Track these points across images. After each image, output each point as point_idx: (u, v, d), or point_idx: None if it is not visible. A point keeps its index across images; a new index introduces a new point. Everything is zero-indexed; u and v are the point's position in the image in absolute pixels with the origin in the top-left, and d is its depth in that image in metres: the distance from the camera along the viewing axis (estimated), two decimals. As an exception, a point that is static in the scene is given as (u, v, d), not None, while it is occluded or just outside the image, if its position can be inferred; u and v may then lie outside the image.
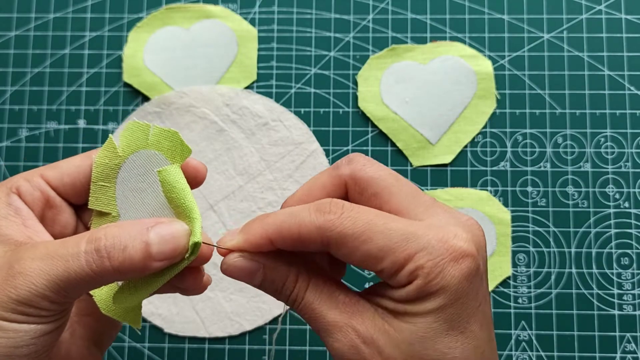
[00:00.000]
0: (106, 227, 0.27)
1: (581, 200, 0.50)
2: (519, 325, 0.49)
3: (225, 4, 0.54)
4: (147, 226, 0.27)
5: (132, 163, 0.30)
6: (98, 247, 0.26)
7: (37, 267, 0.26)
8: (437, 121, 0.51)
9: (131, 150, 0.30)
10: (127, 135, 0.30)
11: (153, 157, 0.29)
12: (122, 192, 0.31)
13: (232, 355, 0.49)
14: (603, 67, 0.52)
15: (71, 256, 0.26)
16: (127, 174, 0.30)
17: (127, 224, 0.27)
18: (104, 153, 0.31)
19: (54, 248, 0.27)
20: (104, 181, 0.31)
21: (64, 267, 0.26)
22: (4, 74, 0.54)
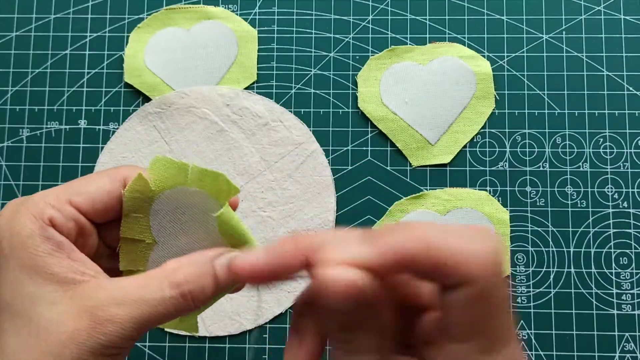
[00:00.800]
0: (179, 267, 0.29)
1: (580, 200, 0.50)
2: (518, 324, 0.49)
3: (225, 5, 0.54)
4: (211, 259, 0.29)
5: (168, 197, 0.31)
6: (183, 293, 0.28)
7: (126, 314, 0.27)
8: (437, 121, 0.52)
9: (167, 187, 0.31)
10: (158, 171, 0.31)
11: (194, 193, 0.30)
12: (158, 222, 0.31)
13: (232, 355, 0.49)
14: (602, 67, 0.52)
15: (158, 302, 0.28)
16: (161, 207, 0.31)
17: (196, 261, 0.29)
18: (135, 187, 0.31)
19: (137, 293, 0.28)
20: (136, 212, 0.31)
21: (152, 311, 0.28)
22: (5, 74, 0.54)
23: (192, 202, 0.30)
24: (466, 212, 0.50)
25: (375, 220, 0.51)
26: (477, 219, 0.50)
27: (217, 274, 0.29)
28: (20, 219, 0.29)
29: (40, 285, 0.28)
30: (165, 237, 0.32)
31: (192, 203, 0.30)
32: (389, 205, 0.51)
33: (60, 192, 0.30)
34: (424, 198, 0.51)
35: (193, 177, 0.30)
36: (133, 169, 0.32)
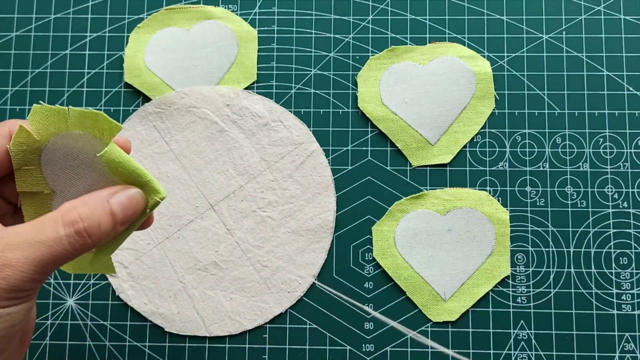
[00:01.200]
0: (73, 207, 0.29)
1: (580, 200, 0.50)
2: (518, 324, 0.49)
3: (225, 5, 0.54)
4: (106, 198, 0.30)
5: (55, 145, 0.31)
6: (78, 230, 0.29)
7: (22, 257, 0.28)
8: (437, 121, 0.52)
9: (50, 134, 0.31)
10: (39, 120, 0.31)
11: (79, 137, 0.31)
12: (52, 171, 0.32)
13: (232, 354, 0.49)
14: (602, 67, 0.52)
15: (53, 241, 0.28)
16: (51, 155, 0.31)
17: (90, 200, 0.30)
18: (19, 140, 0.31)
19: (30, 235, 0.28)
20: (27, 165, 0.32)
21: (49, 252, 0.28)
22: (5, 75, 0.54)
23: (79, 146, 0.31)
24: (466, 212, 0.50)
25: (375, 220, 0.51)
26: (477, 219, 0.50)
27: (113, 210, 0.30)
28: None
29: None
30: (62, 185, 0.32)
31: (80, 147, 0.31)
32: (389, 205, 0.51)
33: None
34: (424, 198, 0.51)
35: (73, 120, 0.30)
36: (17, 122, 0.32)
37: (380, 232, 0.50)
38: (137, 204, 0.31)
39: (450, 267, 0.50)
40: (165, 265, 0.50)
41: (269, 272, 0.50)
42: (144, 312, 0.50)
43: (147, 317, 0.50)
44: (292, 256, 0.50)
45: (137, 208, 0.31)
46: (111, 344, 0.50)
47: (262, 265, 0.50)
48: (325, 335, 0.49)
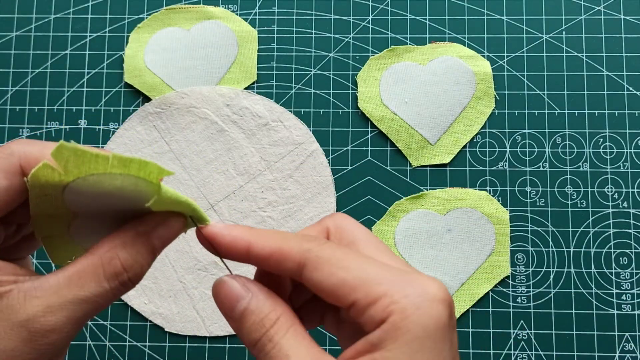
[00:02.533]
0: (114, 255, 0.26)
1: (580, 200, 0.50)
2: (518, 324, 0.49)
3: (225, 5, 0.54)
4: (147, 235, 0.27)
5: (84, 182, 0.27)
6: (124, 281, 0.27)
7: (66, 319, 0.25)
8: (436, 121, 0.52)
9: (80, 174, 0.27)
10: (68, 159, 0.26)
11: (118, 176, 0.27)
12: (76, 199, 0.28)
13: (232, 354, 0.49)
14: (602, 67, 0.52)
15: (97, 297, 0.26)
16: (78, 188, 0.27)
17: (130, 240, 0.27)
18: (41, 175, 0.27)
19: (72, 294, 0.26)
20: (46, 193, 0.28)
21: (92, 307, 0.26)
22: (5, 75, 0.54)
23: (116, 185, 0.27)
24: (466, 212, 0.50)
25: (375, 220, 0.51)
26: (477, 219, 0.50)
27: (155, 247, 0.27)
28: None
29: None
30: (86, 210, 0.29)
31: (118, 186, 0.27)
32: (389, 205, 0.51)
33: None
34: (424, 198, 0.51)
35: (114, 165, 0.26)
36: (28, 146, 0.28)
37: (380, 232, 0.50)
38: (176, 232, 0.28)
39: (450, 267, 0.50)
40: (166, 265, 0.50)
41: (269, 272, 0.50)
42: (144, 312, 0.50)
43: (147, 317, 0.50)
44: (292, 256, 0.50)
45: (176, 236, 0.28)
46: (111, 344, 0.50)
47: (262, 265, 0.50)
48: (325, 335, 0.49)
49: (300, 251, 0.26)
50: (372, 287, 0.25)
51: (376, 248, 0.28)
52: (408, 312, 0.24)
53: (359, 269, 0.26)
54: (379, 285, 0.25)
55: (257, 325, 0.26)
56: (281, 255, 0.27)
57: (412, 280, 0.25)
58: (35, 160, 0.27)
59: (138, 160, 0.25)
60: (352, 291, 0.25)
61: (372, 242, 0.28)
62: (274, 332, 0.26)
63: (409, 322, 0.24)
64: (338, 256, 0.26)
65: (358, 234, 0.28)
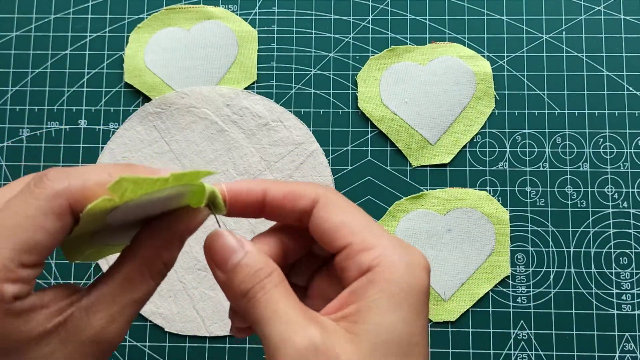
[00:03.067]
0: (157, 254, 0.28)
1: (580, 200, 0.50)
2: (518, 324, 0.49)
3: (225, 5, 0.54)
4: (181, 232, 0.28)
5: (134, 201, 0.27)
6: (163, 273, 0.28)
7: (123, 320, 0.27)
8: (436, 121, 0.52)
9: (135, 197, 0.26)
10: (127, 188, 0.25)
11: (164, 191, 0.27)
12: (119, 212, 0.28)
13: (232, 354, 0.49)
14: (602, 67, 0.52)
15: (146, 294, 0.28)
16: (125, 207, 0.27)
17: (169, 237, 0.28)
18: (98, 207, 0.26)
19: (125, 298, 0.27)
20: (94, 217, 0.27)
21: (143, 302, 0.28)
22: (5, 74, 0.54)
23: (161, 198, 0.27)
24: (466, 212, 0.50)
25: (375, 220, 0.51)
26: (477, 219, 0.50)
27: (184, 239, 0.28)
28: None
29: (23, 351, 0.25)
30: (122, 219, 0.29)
31: (163, 199, 0.27)
32: (389, 205, 0.51)
33: (7, 258, 0.24)
34: (424, 198, 0.51)
35: (171, 181, 0.26)
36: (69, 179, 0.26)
37: (380, 232, 0.50)
38: (202, 222, 0.29)
39: (450, 267, 0.50)
40: (165, 265, 0.50)
41: (269, 272, 0.50)
42: (144, 312, 0.50)
43: (147, 317, 0.50)
44: (292, 256, 0.50)
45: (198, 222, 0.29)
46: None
47: (262, 265, 0.50)
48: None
49: (315, 190, 0.28)
50: (369, 236, 0.27)
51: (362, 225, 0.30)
52: (396, 267, 0.26)
53: (362, 219, 0.28)
54: (375, 238, 0.27)
55: (251, 276, 0.27)
56: (296, 194, 0.29)
57: (403, 244, 0.28)
58: (80, 193, 0.26)
59: (190, 173, 0.26)
60: (350, 234, 0.27)
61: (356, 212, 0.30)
62: (267, 282, 0.27)
63: (397, 277, 0.26)
64: (346, 203, 0.29)
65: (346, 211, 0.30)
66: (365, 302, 0.26)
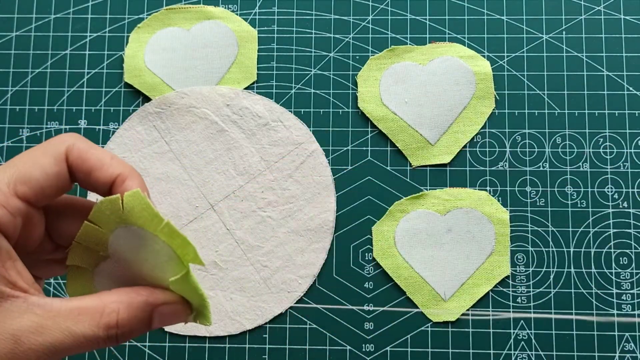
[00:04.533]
0: (116, 309, 0.27)
1: (580, 200, 0.50)
2: (518, 324, 0.49)
3: (225, 5, 0.55)
4: (152, 307, 0.28)
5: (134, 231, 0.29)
6: (114, 335, 0.27)
7: (48, 344, 0.26)
8: (436, 121, 0.52)
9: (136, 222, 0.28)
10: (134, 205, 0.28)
11: (159, 243, 0.28)
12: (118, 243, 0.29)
13: (232, 355, 0.49)
14: (602, 67, 0.52)
15: (86, 339, 0.26)
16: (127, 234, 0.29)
17: (135, 304, 0.28)
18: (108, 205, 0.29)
19: (66, 325, 0.26)
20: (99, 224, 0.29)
21: (75, 345, 0.26)
22: (5, 74, 0.54)
23: (154, 248, 0.28)
24: (466, 212, 0.50)
25: (375, 220, 0.51)
26: (477, 219, 0.50)
27: (152, 322, 0.28)
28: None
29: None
30: (120, 259, 0.30)
31: (155, 249, 0.28)
32: (389, 205, 0.51)
33: (4, 182, 0.27)
34: (424, 198, 0.51)
35: (163, 231, 0.28)
36: (72, 138, 0.30)
37: (380, 232, 0.50)
38: (177, 319, 0.29)
39: (450, 267, 0.50)
40: (165, 265, 0.50)
41: (269, 272, 0.50)
42: (144, 312, 0.50)
43: (147, 317, 0.50)
44: (292, 256, 0.50)
45: (175, 322, 0.29)
46: (111, 344, 0.49)
47: (262, 265, 0.50)
48: (325, 335, 0.49)
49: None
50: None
51: None
52: None
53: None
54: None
55: None
56: None
57: None
58: (78, 153, 0.30)
59: (183, 237, 0.27)
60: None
61: None
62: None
63: None
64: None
65: None
66: None
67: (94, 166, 0.29)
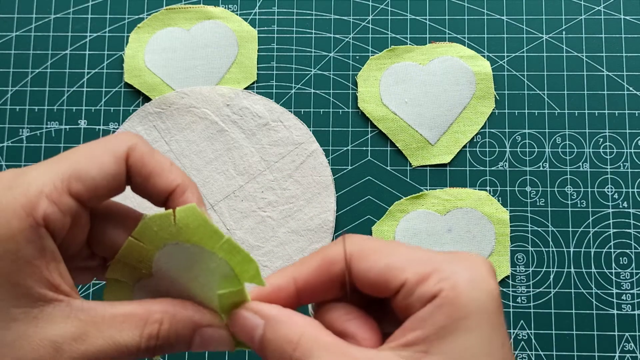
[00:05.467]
0: (160, 320, 0.26)
1: (580, 200, 0.50)
2: (518, 324, 0.49)
3: (225, 5, 0.55)
4: (196, 326, 0.26)
5: (185, 249, 0.27)
6: (154, 346, 0.26)
7: (90, 353, 0.24)
8: (437, 121, 0.52)
9: (190, 239, 0.27)
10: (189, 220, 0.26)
11: (216, 260, 0.27)
12: (164, 261, 0.28)
13: (232, 354, 0.49)
14: (602, 67, 0.52)
15: (127, 348, 0.25)
16: (175, 252, 0.27)
17: (180, 318, 0.26)
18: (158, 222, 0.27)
19: (109, 333, 0.25)
20: (145, 242, 0.28)
21: (115, 353, 0.25)
22: (5, 74, 0.54)
23: (210, 266, 0.27)
24: (466, 212, 0.50)
25: (375, 220, 0.51)
26: (477, 219, 0.50)
27: (193, 343, 0.27)
28: (6, 210, 0.24)
29: (5, 296, 0.24)
30: (165, 277, 0.28)
31: (210, 267, 0.27)
32: (389, 205, 0.51)
33: (58, 176, 0.25)
34: (424, 198, 0.51)
35: (223, 247, 0.26)
36: (135, 139, 0.27)
37: (380, 232, 0.50)
38: (220, 346, 0.27)
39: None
40: (165, 265, 0.50)
41: (269, 272, 0.50)
42: (144, 312, 0.50)
43: (147, 317, 0.50)
44: (292, 256, 0.50)
45: (217, 349, 0.27)
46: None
47: (262, 265, 0.50)
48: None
49: (340, 249, 0.26)
50: (420, 265, 0.25)
51: None
52: (460, 287, 0.24)
53: (405, 253, 0.25)
54: (427, 264, 0.25)
55: (279, 352, 0.25)
56: (326, 262, 0.26)
57: (458, 257, 0.25)
58: (140, 156, 0.27)
59: (245, 254, 0.26)
60: (400, 272, 0.25)
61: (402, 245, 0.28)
62: (298, 355, 0.25)
63: (464, 297, 0.24)
64: (382, 245, 0.26)
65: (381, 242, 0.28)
66: (433, 328, 0.23)
67: (153, 171, 0.27)
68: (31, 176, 0.25)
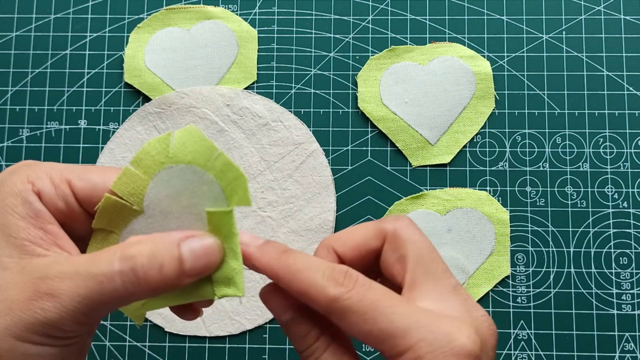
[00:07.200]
0: (138, 242, 0.26)
1: (580, 200, 0.50)
2: (518, 324, 0.49)
3: (225, 5, 0.55)
4: (177, 240, 0.26)
5: (179, 173, 0.27)
6: (134, 267, 0.25)
7: (68, 289, 0.25)
8: (437, 121, 0.52)
9: (184, 160, 0.27)
10: (185, 140, 0.27)
11: (208, 182, 0.27)
12: (157, 192, 0.28)
13: (232, 354, 0.49)
14: (602, 67, 0.52)
15: (104, 276, 0.25)
16: (169, 179, 0.28)
17: (158, 239, 0.26)
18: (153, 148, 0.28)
19: (84, 267, 0.25)
20: (138, 169, 0.28)
21: (98, 288, 0.25)
22: (5, 74, 0.54)
23: (201, 190, 0.27)
24: (466, 212, 0.50)
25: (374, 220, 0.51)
26: (477, 219, 0.50)
27: (182, 256, 0.26)
28: (14, 177, 0.27)
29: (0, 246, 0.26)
30: (155, 212, 0.28)
31: (201, 192, 0.27)
32: (389, 205, 0.51)
33: (66, 170, 0.28)
34: (424, 198, 0.51)
35: (216, 164, 0.26)
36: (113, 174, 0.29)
37: (380, 232, 0.50)
38: (211, 256, 0.27)
39: (450, 268, 0.50)
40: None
41: (269, 272, 0.50)
42: (144, 312, 0.50)
43: (147, 317, 0.50)
44: (292, 256, 0.50)
45: (210, 261, 0.26)
46: (111, 344, 0.50)
47: (262, 265, 0.50)
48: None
49: (327, 300, 0.26)
50: (397, 340, 0.26)
51: (424, 271, 0.28)
52: None
53: (385, 321, 0.26)
54: (403, 339, 0.25)
55: (300, 340, 0.28)
56: (308, 298, 0.27)
57: (442, 330, 0.26)
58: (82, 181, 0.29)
59: (237, 170, 0.26)
60: (377, 344, 0.26)
61: (422, 263, 0.29)
62: (315, 348, 0.28)
63: None
64: (364, 307, 0.26)
65: (411, 249, 0.29)
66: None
67: None
68: (47, 164, 0.29)
